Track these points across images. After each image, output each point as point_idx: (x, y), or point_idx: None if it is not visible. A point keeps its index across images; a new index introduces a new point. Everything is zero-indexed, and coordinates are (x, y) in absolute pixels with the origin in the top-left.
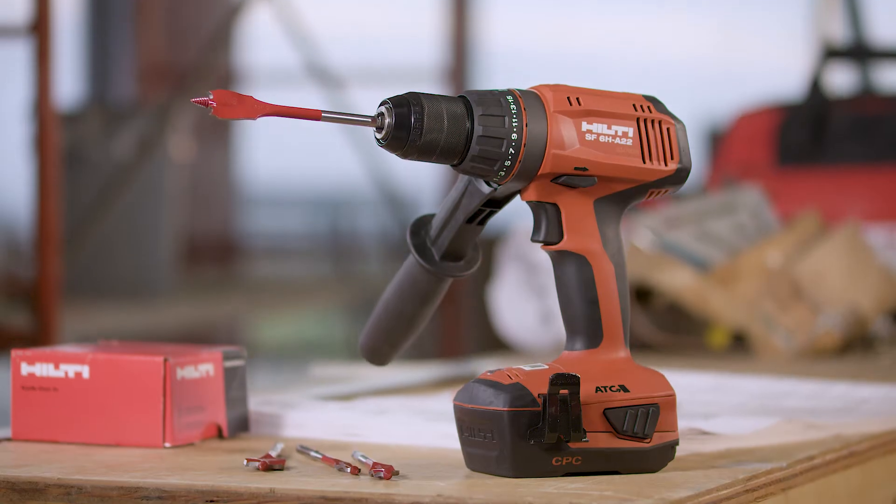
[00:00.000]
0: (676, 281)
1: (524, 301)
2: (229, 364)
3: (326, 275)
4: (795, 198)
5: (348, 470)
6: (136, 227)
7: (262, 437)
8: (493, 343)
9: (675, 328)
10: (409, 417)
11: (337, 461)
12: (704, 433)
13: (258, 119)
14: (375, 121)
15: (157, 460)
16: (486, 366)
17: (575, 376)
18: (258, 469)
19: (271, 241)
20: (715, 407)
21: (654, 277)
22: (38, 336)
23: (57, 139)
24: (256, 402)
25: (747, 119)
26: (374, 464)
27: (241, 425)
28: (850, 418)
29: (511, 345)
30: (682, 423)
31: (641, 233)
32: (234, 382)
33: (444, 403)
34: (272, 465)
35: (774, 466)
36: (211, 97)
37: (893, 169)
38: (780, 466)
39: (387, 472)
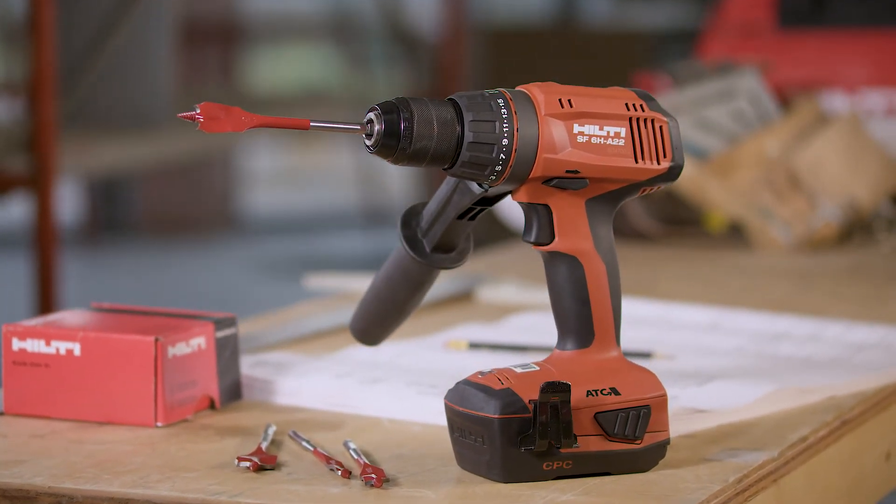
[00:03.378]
0: None
1: None
2: (221, 334)
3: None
4: (795, 62)
5: (339, 472)
6: (134, 57)
7: (255, 407)
8: (492, 224)
9: (672, 218)
10: (402, 389)
11: (328, 460)
12: (698, 412)
13: (245, 131)
14: (365, 128)
15: (149, 450)
16: (485, 279)
17: (565, 384)
18: (249, 469)
19: (273, 27)
20: (712, 358)
21: None
22: (38, 179)
23: None
24: (249, 364)
25: None
26: (365, 467)
27: (234, 393)
28: (845, 372)
29: (507, 225)
30: (677, 391)
31: None
32: (226, 351)
33: (438, 360)
34: (263, 465)
35: (766, 459)
36: (198, 111)
37: (894, 32)
38: (772, 457)
39: (377, 481)
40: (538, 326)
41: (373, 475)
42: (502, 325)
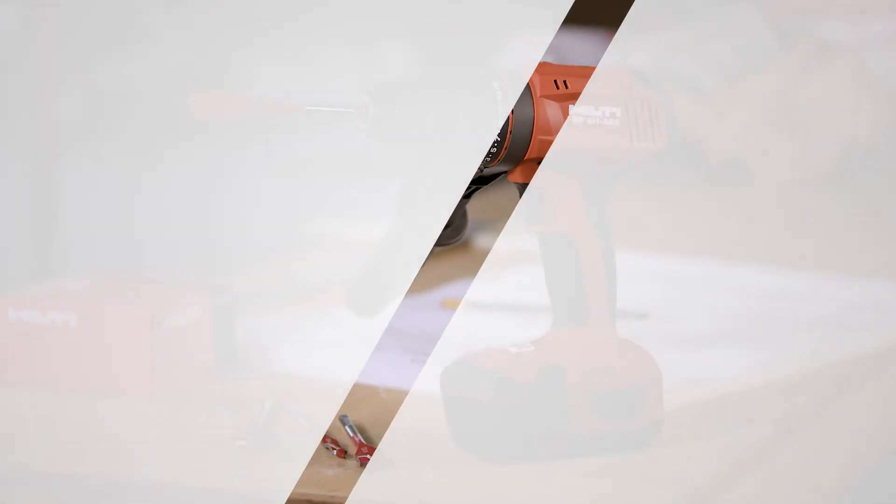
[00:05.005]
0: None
1: None
2: (217, 302)
3: None
4: None
5: (335, 452)
6: None
7: (251, 376)
8: None
9: None
10: (399, 356)
11: (324, 438)
12: (693, 383)
13: (241, 118)
14: (360, 111)
15: (145, 426)
16: (482, 226)
17: (560, 366)
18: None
19: None
20: (708, 318)
21: None
22: None
23: None
24: (246, 330)
25: None
26: (360, 446)
27: (230, 362)
28: (841, 334)
29: None
30: (673, 357)
31: (638, 59)
32: (222, 320)
33: (436, 322)
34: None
35: (761, 434)
36: (192, 98)
37: None
38: (767, 433)
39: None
40: (534, 282)
41: (368, 455)
42: (499, 280)
